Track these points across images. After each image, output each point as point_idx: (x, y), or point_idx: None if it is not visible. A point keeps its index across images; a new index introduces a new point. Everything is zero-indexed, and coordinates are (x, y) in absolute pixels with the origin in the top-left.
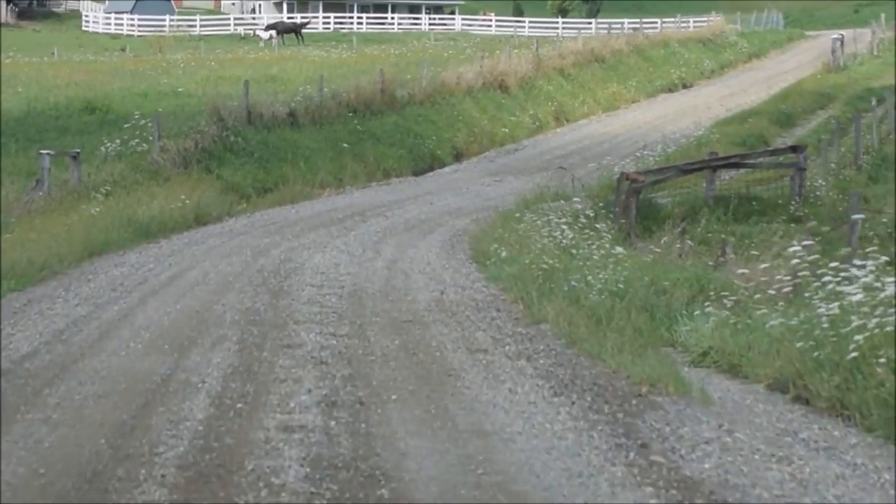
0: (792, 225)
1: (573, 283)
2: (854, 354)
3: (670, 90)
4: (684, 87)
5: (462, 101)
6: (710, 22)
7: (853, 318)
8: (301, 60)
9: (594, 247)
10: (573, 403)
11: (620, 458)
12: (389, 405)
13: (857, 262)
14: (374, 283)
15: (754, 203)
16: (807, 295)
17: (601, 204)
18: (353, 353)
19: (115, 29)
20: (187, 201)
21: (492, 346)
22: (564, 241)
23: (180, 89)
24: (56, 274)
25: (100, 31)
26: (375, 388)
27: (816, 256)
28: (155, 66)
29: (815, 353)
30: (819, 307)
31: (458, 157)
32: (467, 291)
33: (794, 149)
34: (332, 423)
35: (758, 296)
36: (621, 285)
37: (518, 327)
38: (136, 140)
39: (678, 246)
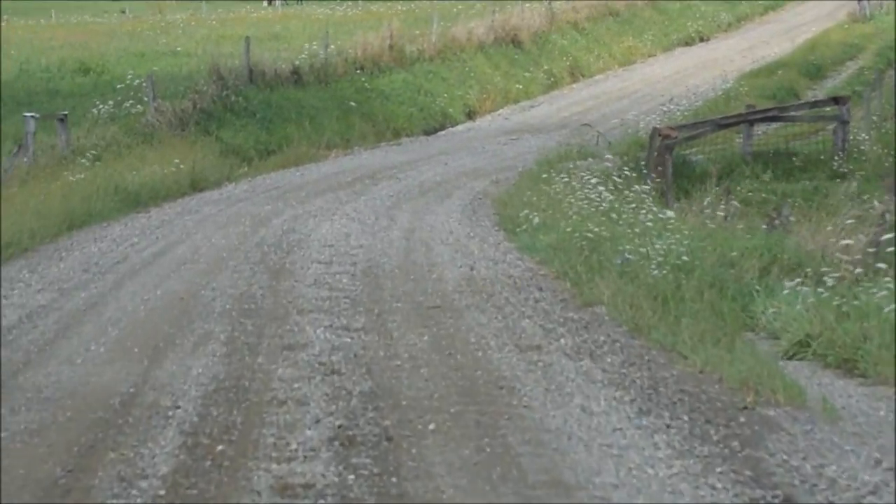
0: (837, 181)
1: (626, 255)
2: None
3: (687, 44)
4: (701, 40)
5: (473, 56)
6: None
7: None
8: (305, 18)
9: (640, 211)
10: (668, 427)
11: None
12: (427, 441)
13: None
14: (392, 258)
15: (795, 159)
16: None
17: (631, 163)
18: (372, 355)
19: None
20: (182, 166)
21: (544, 341)
22: (602, 204)
23: (179, 49)
24: (25, 252)
25: None
26: (406, 412)
27: None
28: (154, 27)
29: None
30: None
31: (470, 115)
32: (500, 266)
33: (836, 100)
34: (351, 477)
35: (858, 270)
36: (685, 257)
37: (569, 311)
38: (131, 102)
39: (722, 207)
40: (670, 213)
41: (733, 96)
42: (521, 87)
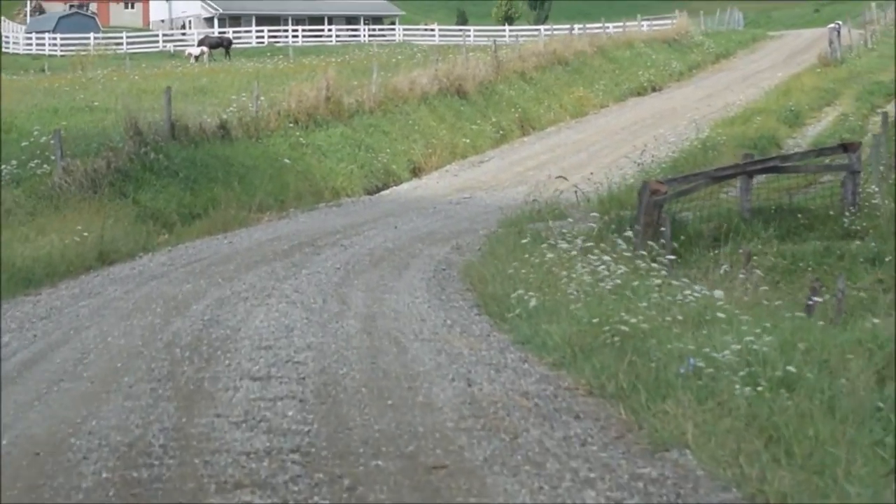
0: (849, 241)
1: (692, 360)
2: None
3: (639, 93)
4: (653, 89)
5: (417, 108)
6: (675, 22)
7: None
8: (234, 72)
9: (663, 287)
10: None
11: None
12: None
13: None
14: (354, 367)
15: (800, 216)
16: None
17: (613, 223)
18: None
19: (37, 49)
20: (87, 234)
21: None
22: (611, 278)
23: (96, 104)
24: None
25: (20, 52)
26: None
27: None
28: (73, 83)
29: None
30: None
31: (415, 171)
32: (505, 375)
33: (844, 147)
34: None
35: None
36: (791, 367)
37: (638, 463)
38: (37, 161)
39: (741, 276)
40: (718, 293)
41: (710, 146)
42: (468, 140)
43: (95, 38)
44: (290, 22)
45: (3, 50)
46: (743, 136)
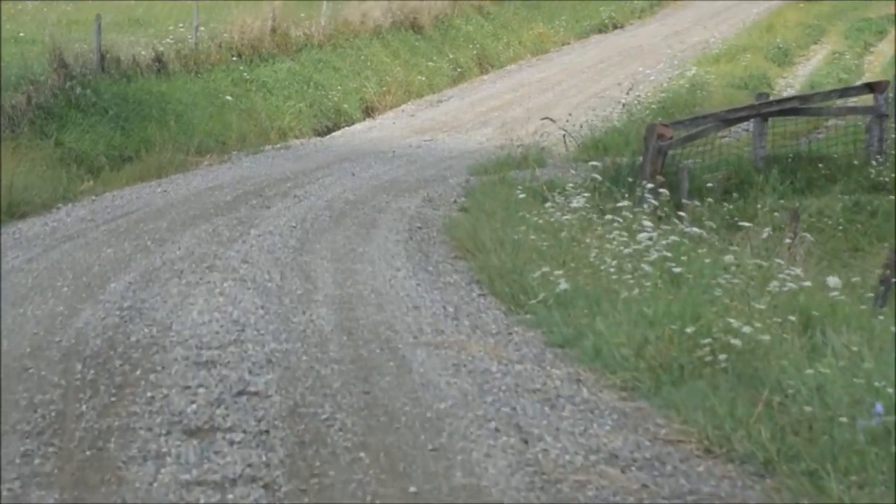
0: (879, 196)
1: (878, 408)
2: None
3: (601, 30)
4: (615, 27)
5: (369, 43)
6: None
7: None
8: (171, 5)
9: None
10: None
11: None
12: None
13: None
14: (340, 400)
15: (821, 165)
16: None
17: (608, 171)
18: None
19: None
20: None
21: None
22: (654, 248)
23: (22, 34)
24: None
25: None
26: None
27: None
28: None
29: None
30: None
31: (368, 111)
32: (566, 414)
33: (871, 87)
34: None
35: None
36: None
37: None
38: None
39: (787, 242)
40: (833, 281)
41: (699, 84)
42: (424, 78)
43: None
44: None
45: None
46: (731, 75)
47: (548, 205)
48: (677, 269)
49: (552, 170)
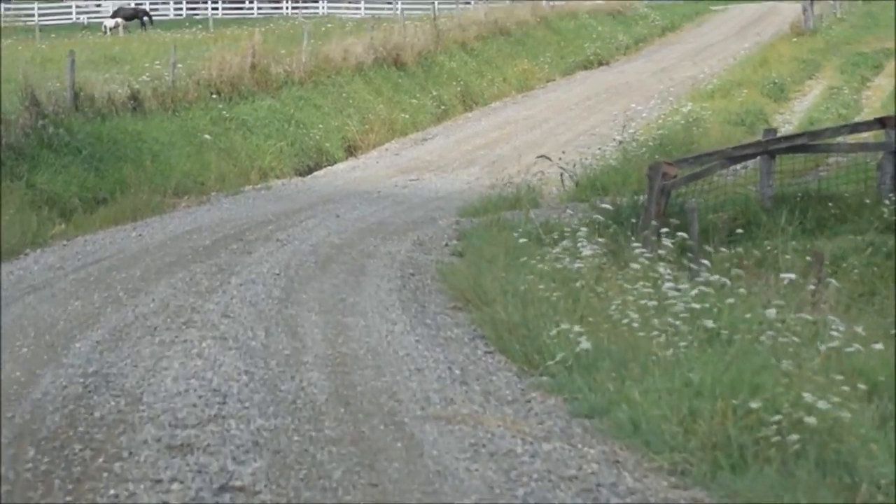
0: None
1: None
2: None
3: (586, 67)
4: (600, 63)
5: (351, 80)
6: None
7: None
8: (149, 42)
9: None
10: None
11: None
12: None
13: None
14: (342, 493)
15: (830, 205)
16: None
17: (609, 213)
18: None
19: None
20: None
21: None
22: (681, 297)
23: None
24: None
25: None
26: None
27: None
28: None
29: None
30: None
31: (351, 150)
32: None
33: (882, 122)
34: None
35: None
36: None
37: None
38: None
39: (811, 288)
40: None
41: (695, 121)
42: (407, 116)
43: (5, 9)
44: None
45: None
46: (727, 111)
47: (556, 250)
48: (710, 325)
49: (546, 211)
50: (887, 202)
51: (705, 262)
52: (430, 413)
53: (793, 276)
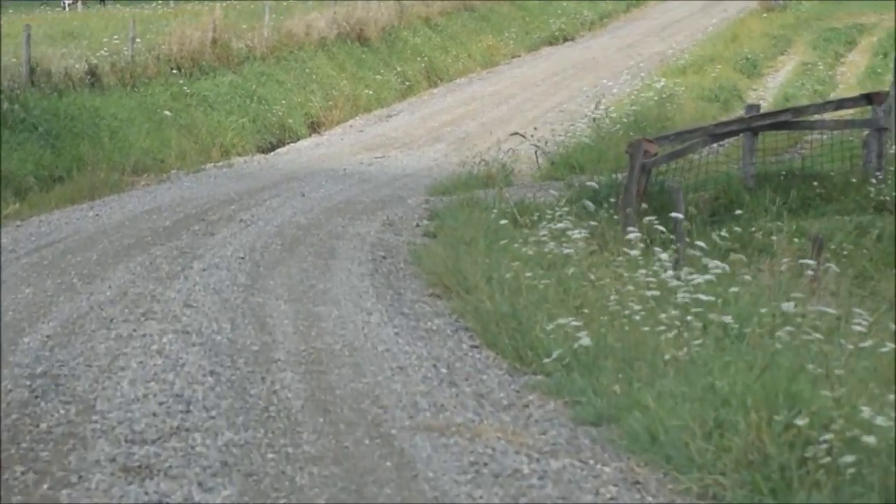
0: (882, 217)
1: None
2: None
3: (551, 43)
4: (565, 39)
5: (314, 56)
6: None
7: None
8: (108, 17)
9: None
10: None
11: None
12: None
13: None
14: None
15: (815, 183)
16: None
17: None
18: None
19: None
20: None
21: None
22: (683, 286)
23: None
24: None
25: None
26: None
27: None
28: None
29: None
30: None
31: (315, 127)
32: None
33: (868, 98)
34: None
35: None
36: None
37: None
38: None
39: (810, 273)
40: None
41: (667, 97)
42: (371, 92)
43: None
44: None
45: None
46: (700, 87)
47: (542, 233)
48: (728, 320)
49: (520, 189)
50: (874, 181)
51: (700, 244)
52: (419, 422)
53: (787, 260)
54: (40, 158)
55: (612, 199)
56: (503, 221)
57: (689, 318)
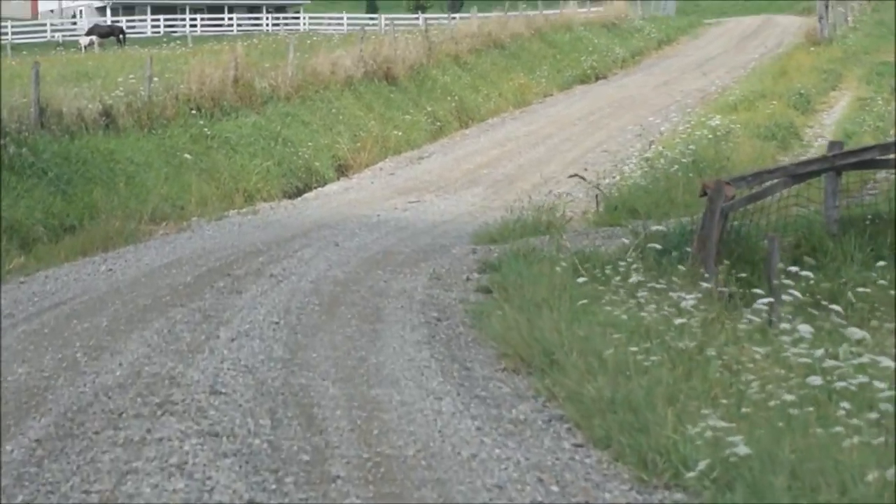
0: None
1: None
2: None
3: (583, 81)
4: (597, 77)
5: (340, 95)
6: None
7: None
8: (125, 58)
9: None
10: None
11: None
12: None
13: None
14: None
15: None
16: None
17: (650, 240)
18: None
19: None
20: None
21: None
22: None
23: None
24: None
25: None
26: None
27: None
28: None
29: None
30: None
31: (343, 170)
32: None
33: None
34: None
35: None
36: None
37: None
38: None
39: None
40: None
41: (722, 136)
42: (401, 133)
43: None
44: (187, 11)
45: None
46: (754, 125)
47: (641, 294)
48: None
49: (575, 237)
50: None
51: (836, 307)
52: None
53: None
54: (50, 206)
55: (687, 249)
56: (581, 279)
57: (873, 415)
